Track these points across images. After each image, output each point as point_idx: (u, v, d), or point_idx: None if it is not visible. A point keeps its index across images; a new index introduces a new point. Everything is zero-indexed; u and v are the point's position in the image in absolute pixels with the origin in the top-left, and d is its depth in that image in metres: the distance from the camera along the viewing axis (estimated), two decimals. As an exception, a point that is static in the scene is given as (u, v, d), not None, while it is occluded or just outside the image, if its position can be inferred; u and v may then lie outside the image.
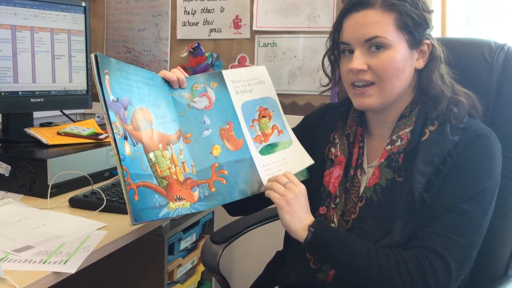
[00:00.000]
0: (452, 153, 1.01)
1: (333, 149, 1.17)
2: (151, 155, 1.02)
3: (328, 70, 1.19)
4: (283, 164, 1.17)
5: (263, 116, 1.22)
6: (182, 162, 1.09)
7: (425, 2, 1.07)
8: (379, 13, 1.02)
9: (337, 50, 1.13)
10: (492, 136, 1.04)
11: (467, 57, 1.22)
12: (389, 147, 1.08)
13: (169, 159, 1.06)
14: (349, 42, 1.06)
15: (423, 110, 1.07)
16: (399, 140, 1.07)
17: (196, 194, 1.08)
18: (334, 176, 1.14)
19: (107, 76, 0.98)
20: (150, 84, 1.10)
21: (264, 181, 1.13)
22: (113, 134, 0.93)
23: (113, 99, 0.97)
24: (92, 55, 0.97)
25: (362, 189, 1.11)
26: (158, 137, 1.05)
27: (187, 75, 1.17)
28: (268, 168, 1.16)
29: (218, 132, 1.16)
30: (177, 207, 1.03)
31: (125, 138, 0.97)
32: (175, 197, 1.03)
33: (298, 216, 1.04)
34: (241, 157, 1.15)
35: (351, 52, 1.06)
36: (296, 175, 1.15)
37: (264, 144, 1.19)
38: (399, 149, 1.07)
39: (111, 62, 1.01)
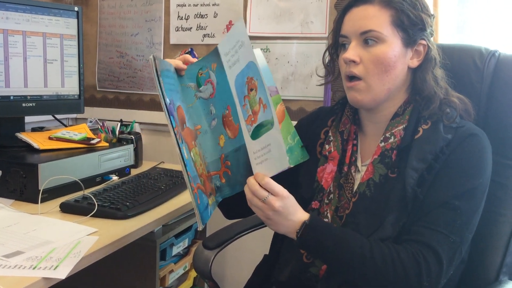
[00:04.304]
0: (445, 150, 1.03)
1: (327, 146, 1.19)
2: (192, 154, 1.00)
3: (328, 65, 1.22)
4: (268, 152, 0.97)
5: (251, 89, 1.00)
6: (203, 156, 1.07)
7: (424, 5, 1.09)
8: (377, 8, 1.06)
9: (338, 43, 1.16)
10: (483, 137, 1.06)
11: (458, 63, 1.23)
12: (382, 144, 1.10)
13: (199, 155, 1.04)
14: (347, 34, 1.10)
15: (416, 109, 1.09)
16: (392, 137, 1.09)
17: (213, 186, 1.06)
18: (327, 171, 1.16)
19: (161, 79, 0.95)
20: (174, 78, 1.06)
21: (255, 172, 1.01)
22: (176, 139, 0.92)
23: (168, 102, 0.94)
24: (152, 57, 0.92)
25: (356, 186, 1.12)
26: (190, 134, 1.03)
27: (193, 60, 1.13)
28: (257, 156, 1.00)
29: (221, 121, 1.09)
30: (212, 202, 1.01)
31: (182, 141, 0.95)
32: (209, 193, 1.02)
33: (283, 225, 1.01)
34: (238, 144, 1.05)
35: (349, 44, 1.10)
36: (296, 157, 1.06)
37: (254, 125, 0.99)
38: (392, 145, 1.09)
39: (161, 62, 0.97)
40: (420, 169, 1.02)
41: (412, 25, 1.06)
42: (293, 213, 1.01)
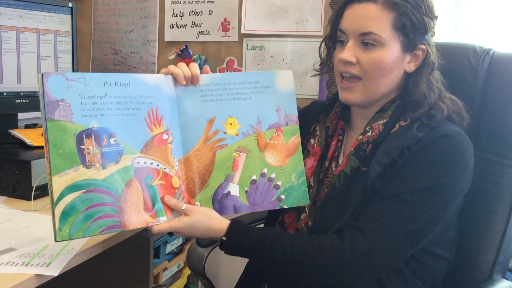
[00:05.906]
0: (412, 148, 1.00)
1: (312, 141, 1.19)
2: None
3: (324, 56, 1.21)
4: None
5: None
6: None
7: (430, 7, 1.06)
8: (379, 9, 1.03)
9: (335, 36, 1.13)
10: (460, 138, 1.02)
11: (452, 62, 1.23)
12: (360, 137, 1.09)
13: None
14: (346, 31, 1.07)
15: (401, 107, 1.08)
16: (370, 131, 1.08)
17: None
18: (307, 166, 1.16)
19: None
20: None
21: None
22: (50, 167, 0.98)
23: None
24: (39, 76, 0.90)
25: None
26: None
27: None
28: None
29: None
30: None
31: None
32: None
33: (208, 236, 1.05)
34: None
35: (346, 42, 1.07)
36: (293, 199, 1.12)
37: None
38: (368, 139, 1.07)
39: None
40: (384, 162, 1.00)
41: (414, 29, 1.03)
42: (206, 233, 1.03)
